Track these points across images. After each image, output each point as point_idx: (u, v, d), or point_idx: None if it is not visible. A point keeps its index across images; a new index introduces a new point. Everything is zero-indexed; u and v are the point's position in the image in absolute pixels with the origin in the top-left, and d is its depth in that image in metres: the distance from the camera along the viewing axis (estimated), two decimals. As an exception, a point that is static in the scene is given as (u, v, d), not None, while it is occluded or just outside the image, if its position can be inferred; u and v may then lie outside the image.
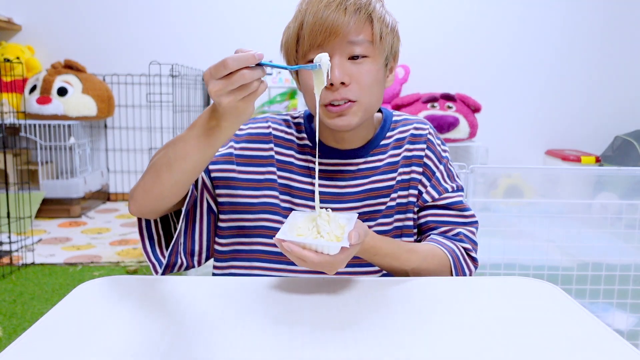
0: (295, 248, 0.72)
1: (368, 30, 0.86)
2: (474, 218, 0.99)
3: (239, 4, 3.82)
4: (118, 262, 2.58)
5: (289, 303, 0.74)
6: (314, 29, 0.84)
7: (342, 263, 0.74)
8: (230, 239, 0.96)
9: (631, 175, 1.60)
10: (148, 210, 0.87)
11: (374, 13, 0.87)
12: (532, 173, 3.23)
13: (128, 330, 0.65)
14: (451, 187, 0.98)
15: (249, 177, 0.95)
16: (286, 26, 0.93)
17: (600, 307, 1.65)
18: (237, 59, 0.67)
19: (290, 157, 0.97)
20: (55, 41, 3.80)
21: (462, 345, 0.63)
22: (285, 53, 0.92)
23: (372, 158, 0.97)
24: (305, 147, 0.98)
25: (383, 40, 0.88)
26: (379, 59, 0.89)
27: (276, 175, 0.96)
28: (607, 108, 3.98)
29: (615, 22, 3.90)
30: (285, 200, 0.95)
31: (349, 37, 0.85)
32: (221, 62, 0.67)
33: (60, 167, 3.47)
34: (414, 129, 0.99)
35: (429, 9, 3.83)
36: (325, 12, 0.84)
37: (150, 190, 0.84)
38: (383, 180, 0.96)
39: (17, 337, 0.63)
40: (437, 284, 0.84)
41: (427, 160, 0.98)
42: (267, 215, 0.94)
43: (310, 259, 0.71)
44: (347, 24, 0.84)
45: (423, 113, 3.30)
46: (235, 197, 0.95)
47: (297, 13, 0.90)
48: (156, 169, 0.82)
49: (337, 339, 0.63)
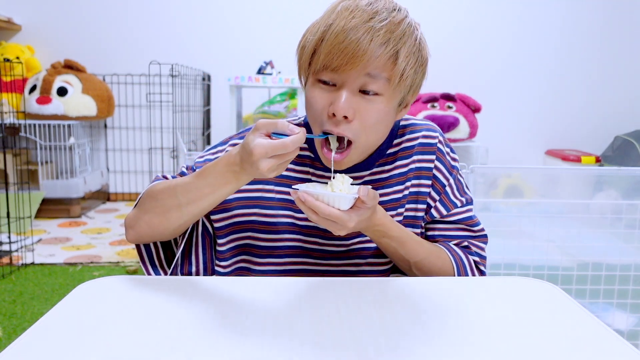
0: (308, 198, 0.73)
1: (390, 68, 0.77)
2: (483, 232, 0.96)
3: (239, 3, 3.82)
4: (118, 262, 2.58)
5: (289, 303, 0.74)
6: (332, 51, 0.76)
7: (352, 221, 0.74)
8: (232, 259, 0.93)
9: (631, 175, 1.60)
10: (148, 240, 0.89)
11: (403, 49, 0.77)
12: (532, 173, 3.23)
13: (128, 330, 0.65)
14: (460, 202, 0.94)
15: (243, 195, 0.92)
16: (308, 28, 0.83)
17: (600, 307, 1.65)
18: (296, 141, 0.70)
19: (288, 170, 0.92)
20: (55, 41, 3.80)
21: (462, 345, 0.63)
22: (299, 59, 0.84)
23: (378, 169, 0.92)
24: (305, 158, 0.93)
25: (403, 81, 0.79)
26: (393, 100, 0.81)
27: (273, 193, 0.92)
28: (607, 108, 3.98)
29: (615, 22, 3.90)
30: (288, 216, 0.91)
31: (367, 70, 0.76)
32: (280, 144, 0.70)
33: (60, 167, 3.47)
34: (422, 137, 0.93)
35: (429, 9, 3.83)
36: (350, 36, 0.75)
37: (156, 228, 0.85)
38: (390, 194, 0.92)
39: (17, 337, 0.63)
40: (438, 284, 0.84)
41: (436, 172, 0.93)
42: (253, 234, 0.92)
43: (322, 210, 0.72)
44: (369, 55, 0.75)
45: (423, 113, 3.31)
46: (231, 217, 0.92)
47: (321, 20, 0.80)
48: (164, 209, 0.82)
49: (337, 339, 0.63)
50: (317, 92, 0.81)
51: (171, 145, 3.75)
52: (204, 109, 3.85)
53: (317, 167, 0.92)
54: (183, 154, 1.71)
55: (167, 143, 3.80)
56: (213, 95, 3.94)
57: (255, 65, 3.44)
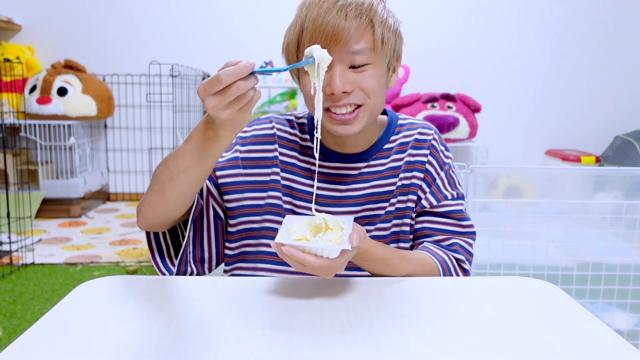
0: (295, 252, 0.70)
1: (369, 37, 0.84)
2: (472, 228, 0.97)
3: (239, 4, 3.82)
4: (118, 262, 2.58)
5: (289, 303, 0.74)
6: (314, 36, 0.82)
7: (342, 266, 0.74)
8: (238, 242, 0.96)
9: (631, 175, 1.60)
10: (156, 224, 0.88)
11: (376, 17, 0.84)
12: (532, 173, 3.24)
13: (128, 330, 0.65)
14: (451, 195, 0.96)
15: (256, 179, 0.95)
16: (286, 29, 0.90)
17: (600, 307, 1.65)
18: (231, 72, 0.67)
19: (293, 158, 0.96)
20: (55, 41, 3.80)
21: (462, 345, 0.63)
22: (287, 57, 0.90)
23: (375, 162, 0.96)
24: (308, 149, 0.97)
25: (385, 45, 0.85)
26: (381, 64, 0.87)
27: (279, 177, 0.95)
28: (607, 108, 3.98)
29: (615, 22, 3.90)
30: (288, 202, 0.95)
31: (350, 45, 0.82)
32: (214, 77, 0.67)
33: (60, 167, 3.47)
34: (418, 134, 0.97)
35: (429, 9, 3.83)
36: (326, 18, 0.82)
37: (156, 206, 0.84)
38: (384, 185, 0.95)
39: (17, 337, 0.63)
40: (437, 284, 0.84)
41: (428, 166, 0.96)
42: (271, 217, 0.94)
43: (310, 263, 0.70)
44: (347, 30, 0.81)
45: (423, 113, 3.30)
46: (243, 200, 0.95)
47: (296, 18, 0.87)
48: (160, 185, 0.82)
49: (337, 340, 0.63)
50: (309, 78, 0.83)
51: (171, 145, 3.76)
52: (204, 109, 3.85)
53: (320, 157, 0.94)
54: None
55: (167, 143, 3.80)
56: (213, 95, 3.94)
57: (255, 65, 3.44)
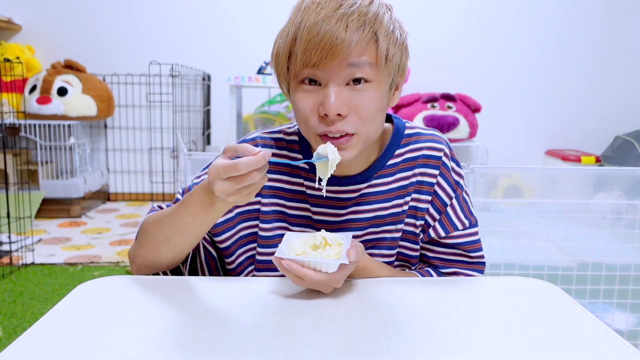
0: (294, 266, 0.71)
1: (372, 51, 0.73)
2: (482, 259, 0.90)
3: (240, 4, 3.82)
4: (118, 262, 2.58)
5: (289, 303, 0.74)
6: (308, 47, 0.71)
7: (340, 281, 0.74)
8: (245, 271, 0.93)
9: (631, 175, 1.60)
10: (150, 273, 0.88)
11: (381, 29, 0.73)
12: (532, 173, 3.24)
13: (128, 330, 0.65)
14: (462, 225, 0.88)
15: (246, 208, 0.89)
16: (277, 34, 0.79)
17: (600, 307, 1.65)
18: (249, 163, 0.65)
19: (277, 182, 0.88)
20: (55, 41, 3.80)
21: (462, 345, 0.63)
22: (276, 67, 0.79)
23: (378, 181, 0.86)
24: (300, 169, 0.88)
25: (389, 62, 0.74)
26: (384, 83, 0.76)
27: (262, 204, 0.88)
28: (607, 108, 3.98)
29: (615, 22, 3.90)
30: (283, 228, 0.89)
31: (350, 59, 0.72)
32: (231, 165, 0.65)
33: (60, 167, 3.47)
34: (427, 149, 0.87)
35: (429, 9, 3.83)
36: (323, 27, 0.71)
37: (152, 262, 0.84)
38: (388, 208, 0.87)
39: (17, 337, 0.63)
40: (438, 284, 0.84)
41: (438, 188, 0.87)
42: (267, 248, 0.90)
43: (309, 277, 0.71)
44: (347, 43, 0.71)
45: (423, 113, 3.30)
46: (237, 233, 0.90)
47: (289, 23, 0.76)
48: (154, 243, 0.81)
49: (337, 340, 0.63)
50: (301, 94, 0.76)
51: (171, 145, 3.76)
52: (204, 109, 3.85)
53: (311, 179, 0.88)
54: (183, 154, 1.71)
55: (167, 143, 3.80)
56: (213, 95, 3.94)
57: (255, 65, 3.44)
